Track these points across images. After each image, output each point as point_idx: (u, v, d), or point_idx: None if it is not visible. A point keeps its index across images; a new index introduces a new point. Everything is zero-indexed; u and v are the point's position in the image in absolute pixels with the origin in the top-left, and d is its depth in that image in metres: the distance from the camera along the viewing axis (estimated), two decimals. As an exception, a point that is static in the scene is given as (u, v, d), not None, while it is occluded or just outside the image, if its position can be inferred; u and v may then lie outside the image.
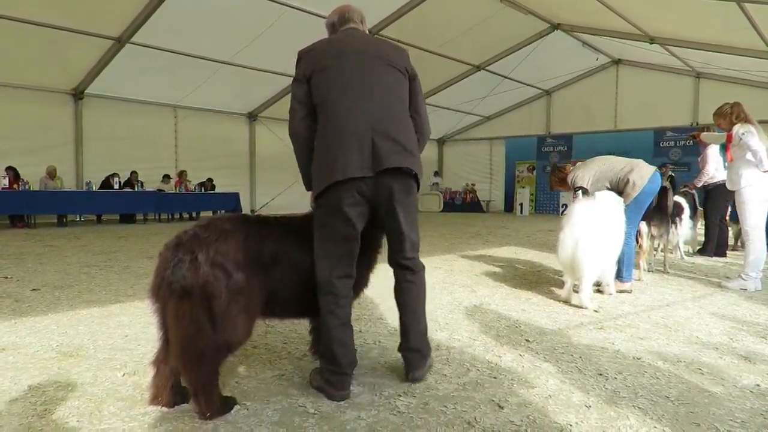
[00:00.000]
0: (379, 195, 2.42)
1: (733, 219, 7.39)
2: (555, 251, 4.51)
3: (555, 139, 20.32)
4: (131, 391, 2.46)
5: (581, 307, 4.21)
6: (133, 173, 14.03)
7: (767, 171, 4.98)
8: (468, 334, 3.50)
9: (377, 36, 13.38)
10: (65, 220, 12.76)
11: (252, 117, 17.32)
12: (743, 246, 6.07)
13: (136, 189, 13.79)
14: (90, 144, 13.84)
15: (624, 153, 16.85)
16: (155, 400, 2.27)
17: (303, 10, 11.72)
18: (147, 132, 14.85)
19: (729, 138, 5.26)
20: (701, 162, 7.66)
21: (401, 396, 2.44)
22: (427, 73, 15.47)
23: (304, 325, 3.07)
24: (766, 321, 3.93)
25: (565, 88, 19.53)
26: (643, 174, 4.77)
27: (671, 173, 11.72)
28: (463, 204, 20.88)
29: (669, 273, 6.06)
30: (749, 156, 5.04)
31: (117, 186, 13.47)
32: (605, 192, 4.70)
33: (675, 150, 17.48)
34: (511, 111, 20.75)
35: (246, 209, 16.52)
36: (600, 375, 2.74)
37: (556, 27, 14.96)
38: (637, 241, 5.37)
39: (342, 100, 2.42)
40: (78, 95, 13.40)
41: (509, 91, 18.38)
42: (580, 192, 4.92)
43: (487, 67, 16.82)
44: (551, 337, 3.44)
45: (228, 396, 2.33)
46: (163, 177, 14.93)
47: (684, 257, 7.33)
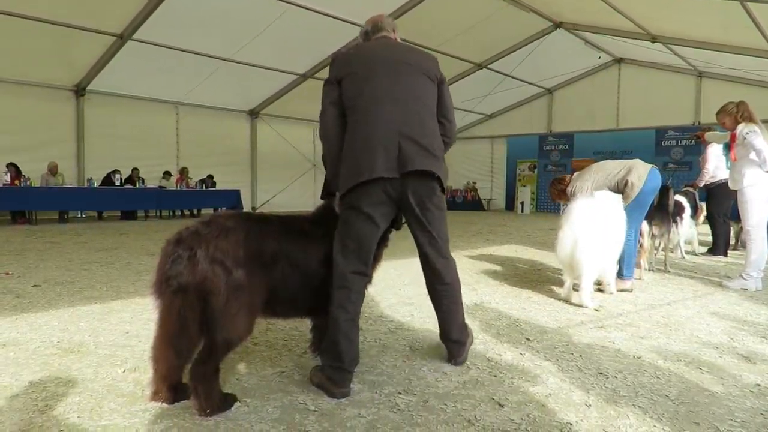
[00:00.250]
0: (404, 197, 2.51)
1: (734, 218, 7.38)
2: (555, 250, 4.50)
3: (556, 138, 20.29)
4: (132, 388, 2.47)
5: (581, 306, 4.21)
6: (135, 170, 14.04)
7: None
8: (468, 332, 3.50)
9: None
10: (66, 216, 12.78)
11: (253, 114, 17.32)
12: (743, 246, 6.07)
13: (137, 186, 13.79)
14: (91, 141, 13.84)
15: (625, 152, 17.14)
16: (156, 396, 2.28)
17: (305, 7, 11.72)
18: (148, 129, 14.86)
19: (733, 137, 5.24)
20: (702, 161, 7.66)
21: (401, 394, 2.45)
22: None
23: (304, 323, 3.07)
24: (766, 321, 3.93)
25: (567, 86, 19.49)
26: (641, 173, 4.76)
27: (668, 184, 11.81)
28: (464, 202, 20.88)
29: (670, 272, 6.06)
30: (753, 155, 5.04)
31: (118, 183, 13.48)
32: (605, 192, 4.69)
33: (676, 149, 17.45)
34: (513, 109, 20.72)
35: (247, 206, 16.53)
36: (600, 374, 2.75)
37: (558, 25, 14.94)
38: (638, 240, 5.36)
39: (370, 104, 2.50)
40: (80, 92, 13.40)
41: (511, 90, 18.36)
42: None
43: (489, 66, 16.80)
44: (552, 336, 3.44)
45: (228, 393, 2.33)
46: (164, 174, 14.94)
47: (685, 256, 7.33)
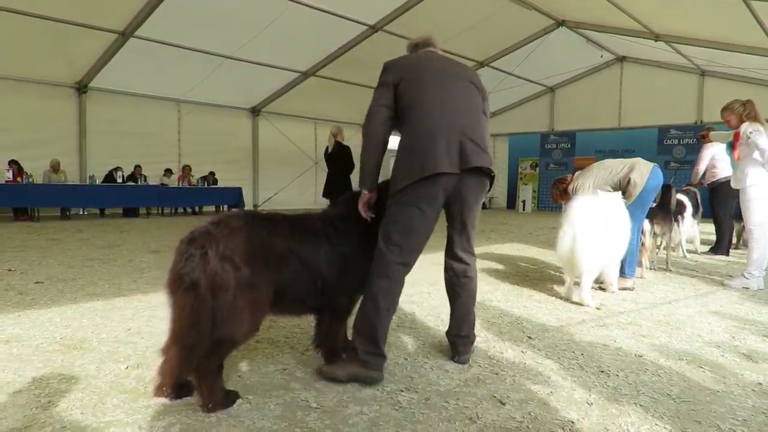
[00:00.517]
0: (458, 191, 2.63)
1: (736, 217, 7.37)
2: (556, 248, 4.50)
3: (558, 136, 20.27)
4: (134, 384, 2.48)
5: (582, 305, 4.21)
6: (137, 167, 14.04)
7: None
8: (470, 330, 3.50)
9: (382, 31, 13.41)
10: (68, 213, 12.78)
11: (255, 112, 17.30)
12: (745, 245, 6.06)
13: (139, 183, 13.81)
14: (93, 138, 13.83)
15: (627, 151, 17.11)
16: (159, 390, 2.29)
17: (306, 4, 11.70)
18: (150, 126, 14.84)
19: (736, 136, 5.23)
20: (697, 160, 7.78)
21: (403, 391, 2.45)
22: (431, 69, 15.46)
23: (306, 320, 3.07)
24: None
25: (569, 85, 19.45)
26: (643, 172, 4.76)
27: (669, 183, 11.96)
28: (466, 200, 20.81)
29: (671, 271, 6.06)
30: (756, 155, 5.03)
31: (120, 180, 13.50)
32: (607, 192, 4.69)
33: (679, 148, 17.41)
34: (515, 108, 20.68)
35: (248, 204, 16.53)
36: (602, 372, 2.75)
37: (560, 23, 14.90)
38: (640, 239, 5.36)
39: (431, 105, 2.63)
40: (82, 89, 13.39)
41: (513, 88, 18.32)
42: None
43: (491, 64, 16.75)
44: (553, 334, 3.44)
45: (231, 390, 2.34)
46: (165, 171, 14.94)
47: (686, 255, 7.32)
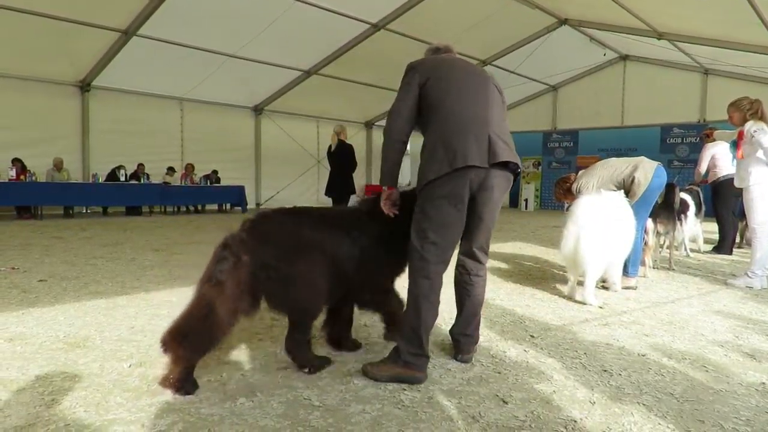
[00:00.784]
0: (483, 186, 2.63)
1: (740, 216, 7.36)
2: (559, 247, 4.49)
3: (561, 135, 20.22)
4: (137, 382, 2.48)
5: (585, 304, 4.20)
6: (140, 165, 14.06)
7: None
8: (472, 329, 3.50)
9: (385, 30, 13.41)
10: (71, 211, 12.81)
11: (257, 110, 17.32)
12: (749, 243, 6.05)
13: (141, 181, 13.83)
14: (96, 136, 13.86)
15: (630, 149, 17.08)
16: (166, 382, 2.32)
17: (309, 3, 11.70)
18: (153, 124, 14.87)
19: (740, 135, 5.22)
20: (698, 161, 7.78)
21: (406, 390, 2.45)
22: (433, 68, 15.44)
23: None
24: (771, 319, 3.92)
25: (572, 83, 19.42)
26: (647, 171, 4.74)
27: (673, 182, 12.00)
28: (468, 199, 20.81)
29: (674, 270, 6.04)
30: (760, 154, 5.01)
31: (123, 178, 13.52)
32: (612, 192, 4.67)
33: (682, 147, 17.36)
34: (517, 106, 20.62)
35: (251, 202, 16.55)
36: (604, 371, 2.75)
37: (563, 22, 14.88)
38: (643, 238, 5.35)
39: (458, 101, 2.67)
40: (85, 87, 13.42)
41: (515, 87, 18.28)
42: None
43: (494, 62, 16.72)
44: (556, 333, 3.44)
45: (323, 356, 2.66)
46: (168, 169, 14.95)
47: (689, 254, 7.31)
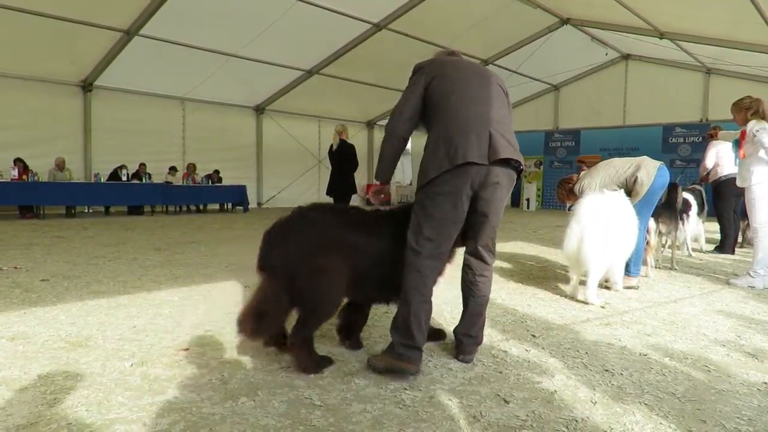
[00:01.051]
0: (486, 183, 2.65)
1: (742, 215, 7.35)
2: (562, 246, 4.49)
3: (562, 135, 20.21)
4: (139, 381, 2.49)
5: (587, 303, 4.20)
6: (142, 165, 14.08)
7: None
8: (474, 328, 3.49)
9: (387, 29, 13.41)
10: (73, 211, 12.82)
11: (259, 110, 17.33)
12: (750, 243, 6.04)
13: (143, 181, 13.85)
14: (98, 136, 13.89)
15: (632, 149, 17.06)
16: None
17: (311, 3, 11.71)
18: (155, 124, 14.90)
19: (743, 134, 5.21)
20: (703, 157, 7.75)
21: (407, 389, 2.45)
22: (435, 67, 15.43)
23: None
24: (774, 319, 3.91)
25: (574, 83, 19.41)
26: (650, 171, 4.73)
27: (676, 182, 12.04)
28: (470, 199, 20.79)
29: (676, 269, 6.04)
30: (762, 153, 5.01)
31: (125, 178, 13.54)
32: (614, 192, 4.66)
33: (684, 146, 17.33)
34: (519, 106, 20.59)
35: (253, 202, 16.57)
36: (606, 371, 2.74)
37: (565, 21, 14.87)
38: (645, 238, 5.34)
39: (462, 100, 2.71)
40: (87, 87, 13.45)
41: (517, 86, 18.24)
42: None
43: (495, 62, 16.70)
44: (557, 333, 3.44)
45: (324, 356, 2.70)
46: (170, 169, 14.96)
47: (692, 254, 7.30)
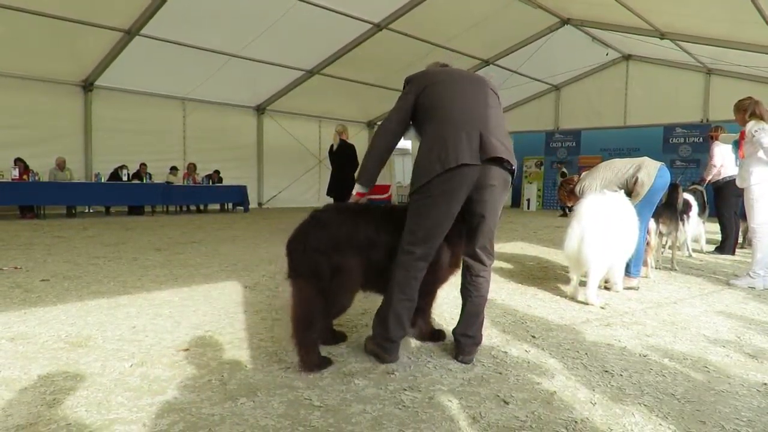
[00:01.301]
0: (481, 185, 2.69)
1: (742, 216, 7.34)
2: (562, 247, 4.49)
3: (563, 135, 20.22)
4: (139, 382, 2.49)
5: (587, 304, 4.20)
6: (142, 165, 14.09)
7: None
8: (474, 329, 3.49)
9: (387, 30, 13.41)
10: (74, 211, 12.84)
11: (260, 110, 17.34)
12: (750, 244, 6.03)
13: (144, 181, 13.86)
14: (99, 136, 13.90)
15: (633, 149, 17.08)
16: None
17: (312, 3, 11.71)
18: (156, 124, 14.92)
19: (742, 135, 5.22)
20: (710, 157, 7.70)
21: (406, 390, 2.45)
22: (436, 68, 15.43)
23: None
24: (774, 320, 3.90)
25: (575, 83, 19.40)
26: (651, 171, 4.73)
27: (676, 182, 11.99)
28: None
29: (677, 270, 6.03)
30: (761, 153, 5.01)
31: (126, 178, 13.55)
32: (615, 193, 4.66)
33: (684, 147, 17.33)
34: (520, 106, 20.64)
35: (253, 202, 16.57)
36: (606, 372, 2.74)
37: (565, 22, 14.86)
38: (645, 238, 5.33)
39: (453, 104, 2.76)
40: (88, 87, 13.46)
41: (518, 86, 18.28)
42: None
43: (496, 62, 16.73)
44: (557, 333, 3.44)
45: (325, 356, 2.74)
46: (171, 169, 14.98)
47: (692, 254, 7.29)
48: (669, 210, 5.89)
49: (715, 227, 8.16)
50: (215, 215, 14.37)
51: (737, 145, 5.35)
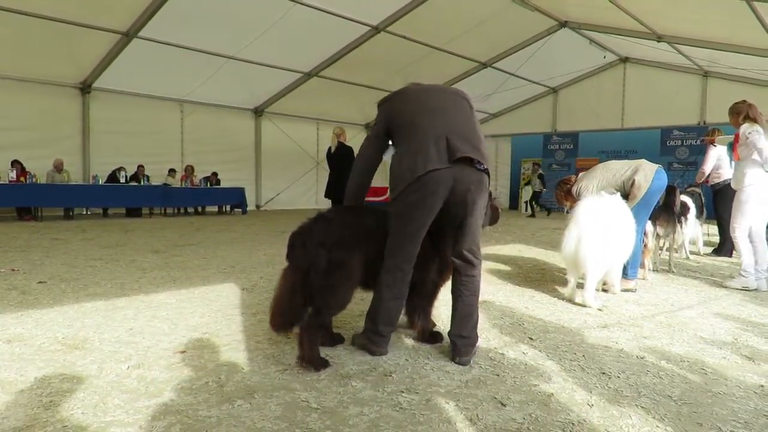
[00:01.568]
0: (455, 184, 2.74)
1: None
2: (559, 249, 4.50)
3: (561, 137, 20.25)
4: (136, 384, 2.48)
5: (585, 306, 4.20)
6: (140, 167, 14.08)
7: None
8: (471, 331, 3.49)
9: (385, 32, 13.44)
10: (72, 213, 12.82)
11: (258, 112, 17.34)
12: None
13: (142, 183, 13.84)
14: (97, 138, 13.88)
15: (630, 152, 17.11)
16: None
17: (310, 5, 11.72)
18: (153, 126, 14.90)
19: (737, 137, 5.28)
20: (703, 161, 7.75)
21: (404, 392, 2.45)
22: (434, 70, 15.44)
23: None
24: (771, 322, 3.91)
25: (572, 85, 19.42)
26: (647, 173, 4.75)
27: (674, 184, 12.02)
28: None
29: (674, 272, 6.04)
30: (755, 156, 5.06)
31: (123, 180, 13.53)
32: (611, 194, 4.67)
33: (682, 149, 17.38)
34: (518, 108, 20.66)
35: (251, 204, 16.56)
36: (603, 374, 2.75)
37: (563, 24, 14.90)
38: (643, 240, 5.34)
39: (423, 117, 2.85)
40: (85, 89, 13.44)
41: (515, 89, 18.31)
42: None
43: (494, 65, 16.75)
44: (555, 335, 3.44)
45: (323, 357, 2.77)
46: (169, 171, 14.97)
47: (689, 256, 7.31)
48: (666, 212, 5.90)
49: (714, 229, 8.18)
50: (213, 217, 14.36)
51: (732, 148, 5.40)
